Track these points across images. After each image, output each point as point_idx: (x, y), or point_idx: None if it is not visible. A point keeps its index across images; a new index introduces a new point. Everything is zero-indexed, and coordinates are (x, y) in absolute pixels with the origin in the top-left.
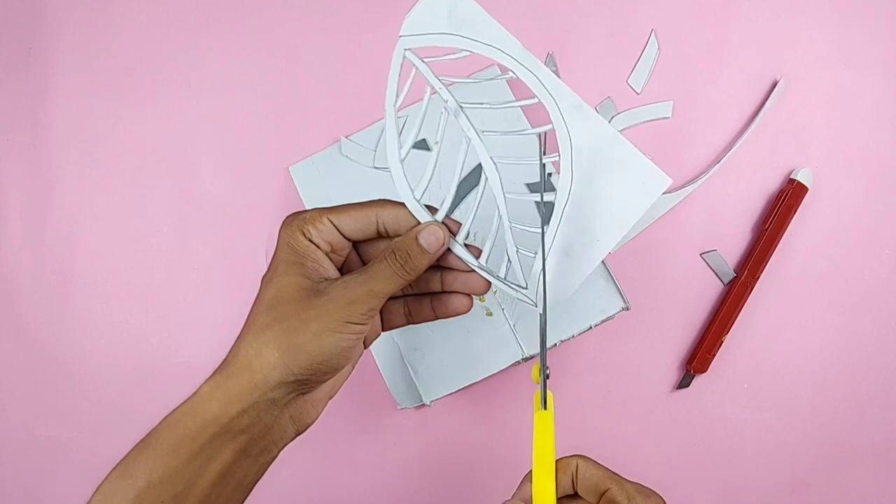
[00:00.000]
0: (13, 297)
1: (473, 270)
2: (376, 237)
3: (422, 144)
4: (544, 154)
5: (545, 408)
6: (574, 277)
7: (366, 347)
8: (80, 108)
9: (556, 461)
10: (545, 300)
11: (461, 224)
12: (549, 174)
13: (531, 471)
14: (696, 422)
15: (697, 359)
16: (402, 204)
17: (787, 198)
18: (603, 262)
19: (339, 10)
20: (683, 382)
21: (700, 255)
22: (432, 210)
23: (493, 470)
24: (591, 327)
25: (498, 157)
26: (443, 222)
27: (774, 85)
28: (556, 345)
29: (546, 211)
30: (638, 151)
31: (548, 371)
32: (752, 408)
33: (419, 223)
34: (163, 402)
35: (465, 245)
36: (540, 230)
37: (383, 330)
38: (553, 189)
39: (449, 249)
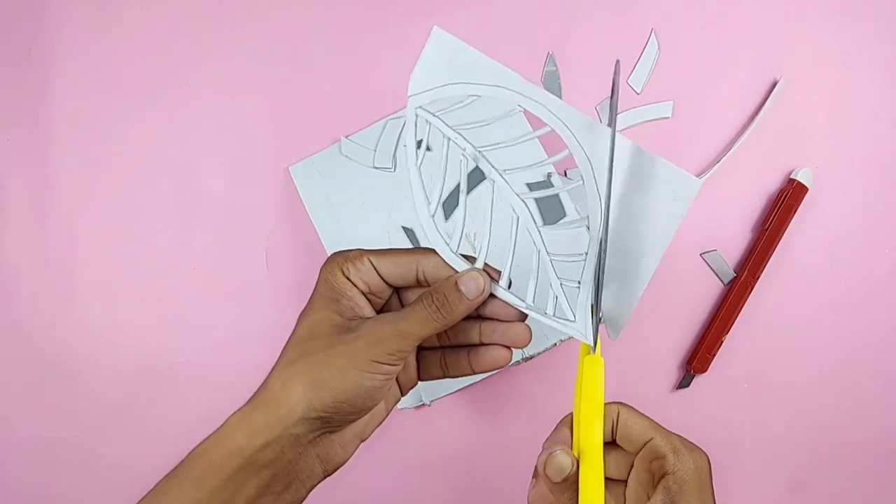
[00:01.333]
0: (13, 297)
1: (513, 321)
2: (416, 285)
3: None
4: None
5: (594, 351)
6: (628, 299)
7: (403, 394)
8: (80, 107)
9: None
10: (600, 277)
11: (501, 271)
12: (549, 174)
13: (569, 415)
14: (696, 422)
15: (697, 359)
16: (434, 251)
17: (787, 198)
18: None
19: (339, 9)
20: (683, 382)
21: (700, 255)
22: (470, 259)
23: (493, 470)
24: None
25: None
26: (483, 269)
27: (774, 85)
28: (555, 344)
29: (553, 209)
30: (661, 159)
31: (601, 315)
32: (752, 408)
33: (462, 275)
34: (163, 402)
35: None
36: (580, 257)
37: (420, 380)
38: (551, 186)
39: (492, 295)
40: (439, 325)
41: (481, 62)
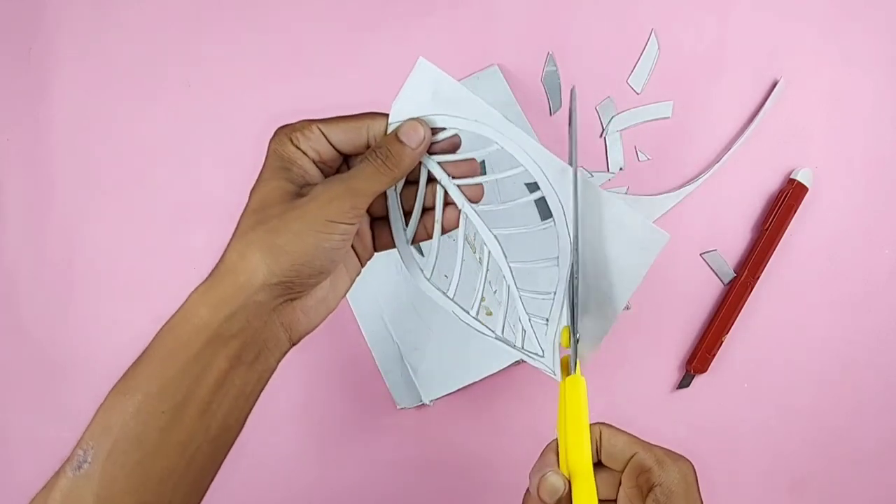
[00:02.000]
0: (13, 297)
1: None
2: (365, 150)
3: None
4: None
5: (574, 371)
6: (596, 333)
7: (362, 265)
8: (80, 107)
9: None
10: (573, 311)
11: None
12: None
13: (553, 441)
14: (696, 422)
15: (697, 359)
16: (385, 115)
17: (787, 198)
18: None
19: (339, 9)
20: (683, 382)
21: (700, 255)
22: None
23: (493, 470)
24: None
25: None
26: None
27: (774, 85)
28: None
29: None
30: (631, 211)
31: (577, 335)
32: (752, 408)
33: (400, 125)
34: None
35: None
36: (548, 295)
37: (375, 250)
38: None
39: (477, 319)
40: (388, 179)
41: (464, 96)
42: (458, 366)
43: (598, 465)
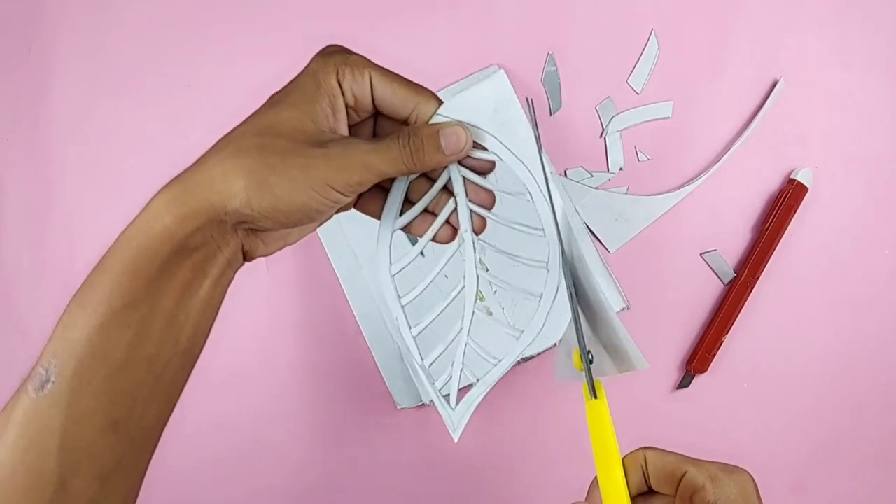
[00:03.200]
0: (13, 297)
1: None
2: (402, 122)
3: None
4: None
5: (594, 396)
6: (616, 339)
7: (335, 214)
8: (79, 107)
9: (623, 458)
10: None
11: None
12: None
13: (595, 478)
14: (696, 422)
15: (697, 359)
16: (440, 102)
17: (787, 198)
18: (603, 261)
19: (339, 9)
20: (683, 382)
21: (700, 255)
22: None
23: (493, 470)
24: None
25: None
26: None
27: (774, 85)
28: (555, 345)
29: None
30: (624, 333)
31: (590, 356)
32: (752, 408)
33: (447, 125)
34: None
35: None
36: (494, 360)
37: (354, 208)
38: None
39: (414, 340)
40: (405, 170)
41: (522, 131)
42: None
43: (649, 492)
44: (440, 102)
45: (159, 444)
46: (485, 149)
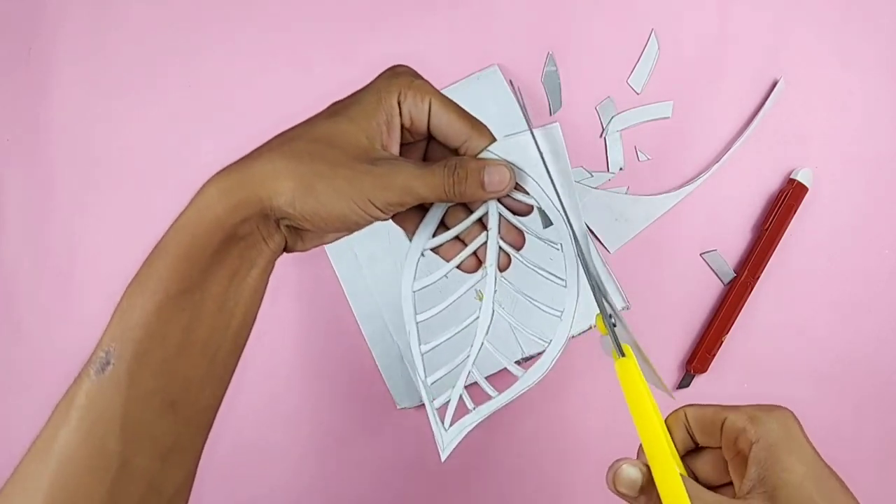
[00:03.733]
0: (13, 297)
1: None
2: (453, 152)
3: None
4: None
5: (622, 354)
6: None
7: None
8: (80, 107)
9: (666, 419)
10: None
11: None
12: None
13: (640, 445)
14: None
15: (697, 359)
16: (493, 139)
17: (787, 198)
18: (603, 261)
19: (339, 9)
20: (683, 382)
21: (700, 255)
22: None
23: (492, 470)
24: (591, 327)
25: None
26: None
27: (774, 85)
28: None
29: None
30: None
31: (613, 321)
32: None
33: (493, 163)
34: None
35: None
36: (491, 398)
37: (391, 219)
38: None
39: (422, 357)
40: (445, 199)
41: (567, 184)
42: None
43: (697, 449)
44: (493, 139)
45: None
46: (526, 192)
